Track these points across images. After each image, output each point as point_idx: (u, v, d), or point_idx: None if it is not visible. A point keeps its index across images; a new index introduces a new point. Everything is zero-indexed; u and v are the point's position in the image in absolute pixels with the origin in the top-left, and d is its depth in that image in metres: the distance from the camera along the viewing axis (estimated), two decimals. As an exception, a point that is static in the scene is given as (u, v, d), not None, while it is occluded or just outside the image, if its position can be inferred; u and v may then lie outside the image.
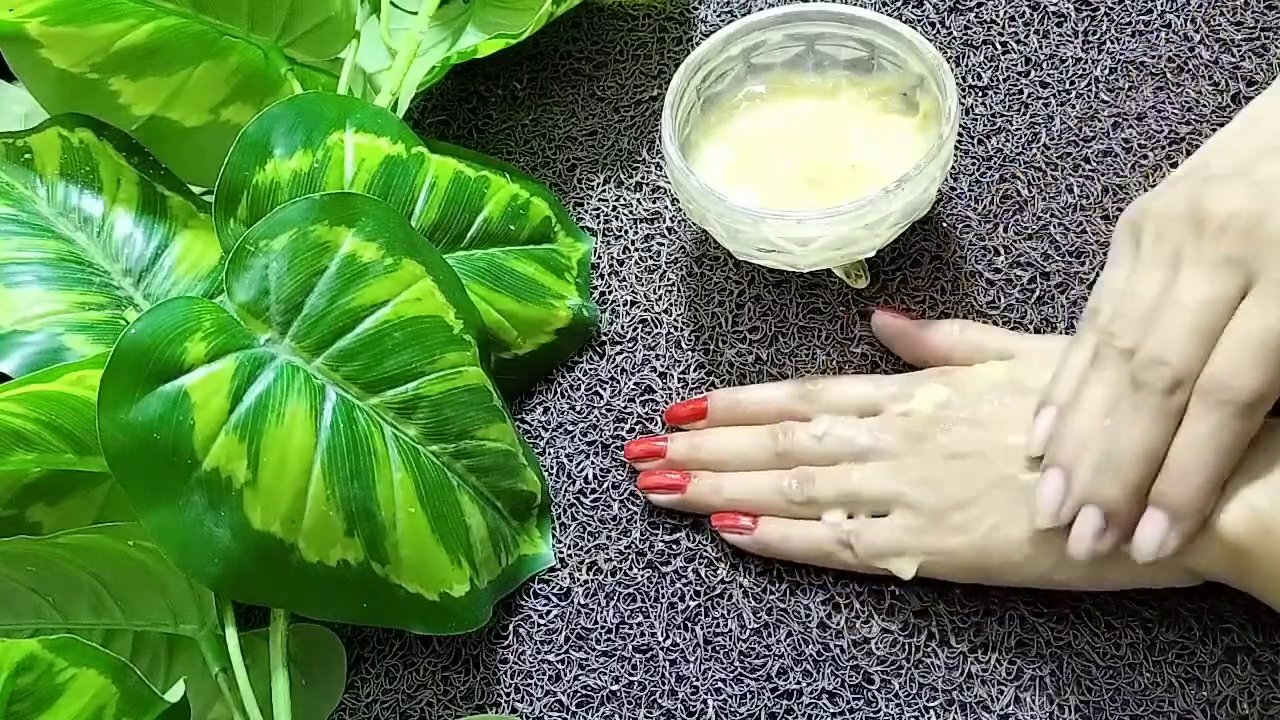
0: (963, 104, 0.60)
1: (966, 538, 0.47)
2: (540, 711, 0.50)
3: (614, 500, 0.54)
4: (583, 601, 0.52)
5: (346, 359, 0.48)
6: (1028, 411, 0.47)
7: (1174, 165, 0.56)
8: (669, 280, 0.59)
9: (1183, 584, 0.45)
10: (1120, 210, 0.55)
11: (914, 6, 0.63)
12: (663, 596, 0.52)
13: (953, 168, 0.58)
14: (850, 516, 0.49)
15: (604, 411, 0.56)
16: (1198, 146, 0.56)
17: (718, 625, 0.51)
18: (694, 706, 0.49)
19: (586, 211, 0.61)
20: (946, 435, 0.48)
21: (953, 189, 0.58)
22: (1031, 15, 0.62)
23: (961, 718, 0.47)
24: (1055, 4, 0.62)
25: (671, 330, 0.58)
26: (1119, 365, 0.43)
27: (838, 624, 0.50)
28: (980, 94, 0.60)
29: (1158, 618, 0.47)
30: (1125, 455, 0.42)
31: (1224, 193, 0.43)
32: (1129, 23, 0.61)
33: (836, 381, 0.52)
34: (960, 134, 0.59)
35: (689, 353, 0.57)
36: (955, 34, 0.62)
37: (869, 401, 0.51)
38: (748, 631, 0.50)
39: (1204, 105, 0.57)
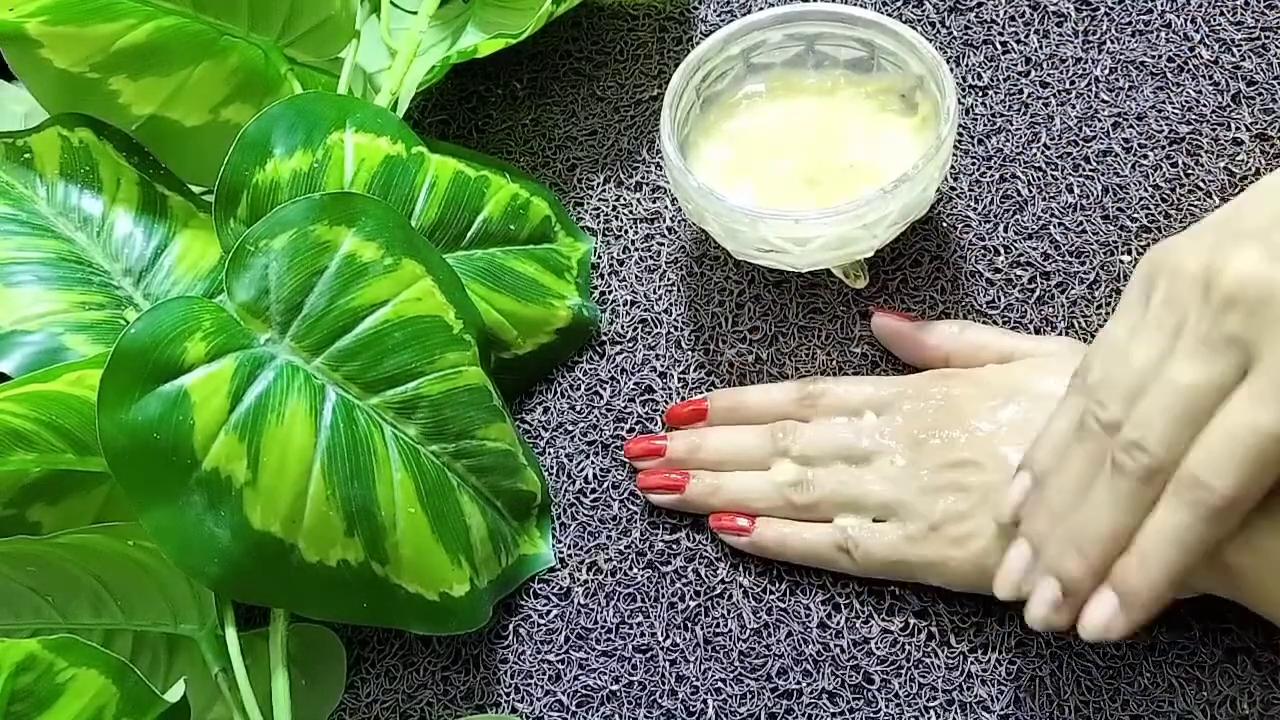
0: (962, 104, 0.60)
1: (965, 552, 0.47)
2: (540, 711, 0.50)
3: (614, 500, 0.54)
4: (583, 601, 0.52)
5: (346, 359, 0.48)
6: (1025, 420, 0.47)
7: (1174, 165, 0.56)
8: (669, 280, 0.59)
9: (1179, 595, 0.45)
10: (1120, 210, 0.56)
11: (914, 6, 0.63)
12: (663, 596, 0.52)
13: (953, 168, 0.58)
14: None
15: (604, 411, 0.56)
16: (1199, 146, 0.56)
17: (718, 625, 0.51)
18: (694, 706, 0.49)
19: (586, 211, 0.61)
20: (945, 443, 0.48)
21: (953, 189, 0.58)
22: (1031, 15, 0.62)
23: (961, 718, 0.47)
24: (1055, 4, 0.62)
25: (671, 330, 0.58)
26: (1101, 439, 0.41)
27: (838, 624, 0.50)
28: (980, 94, 0.60)
29: (1158, 618, 0.47)
30: (1091, 535, 0.41)
31: (1239, 257, 0.38)
32: (1129, 23, 0.61)
33: (837, 383, 0.52)
34: (960, 134, 0.59)
35: (689, 353, 0.57)
36: (955, 34, 0.62)
37: (869, 404, 0.51)
38: (748, 631, 0.50)
39: (1204, 105, 0.57)
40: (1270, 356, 0.37)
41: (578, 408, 0.57)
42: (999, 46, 0.61)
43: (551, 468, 0.55)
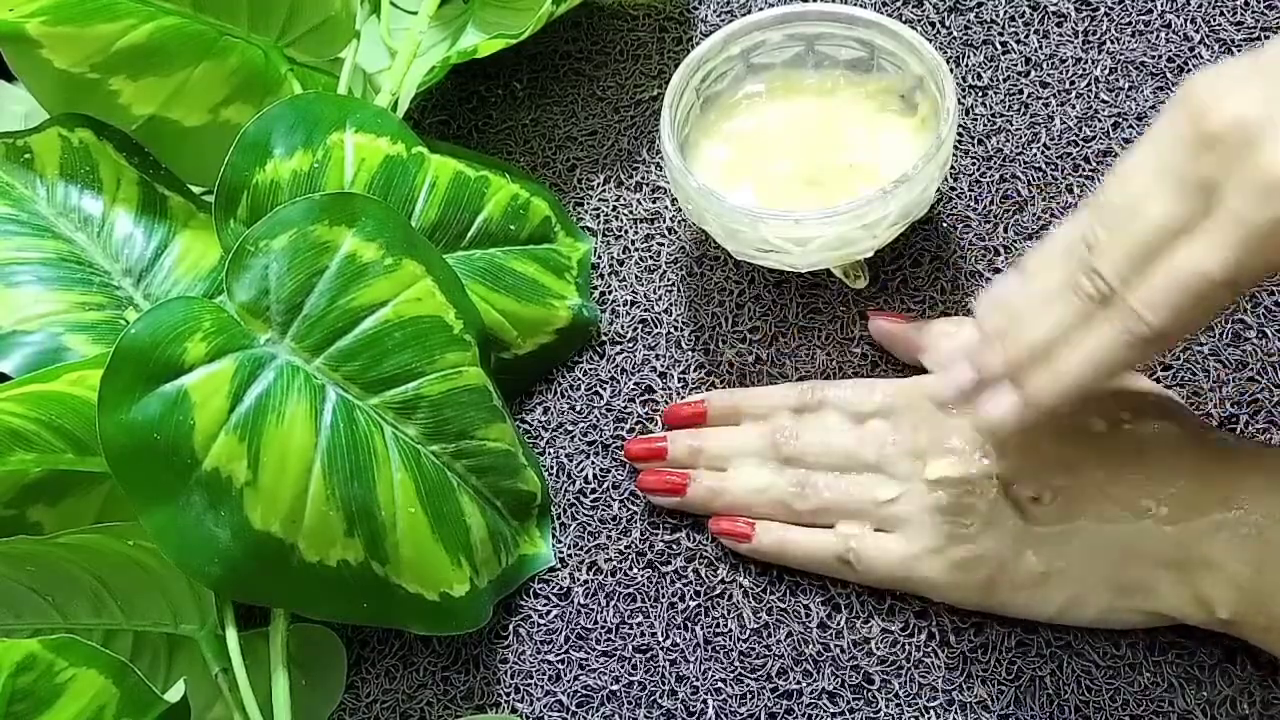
0: (962, 104, 0.60)
1: (970, 578, 0.47)
2: (540, 711, 0.50)
3: (614, 500, 0.54)
4: (583, 601, 0.52)
5: (346, 359, 0.48)
6: (1025, 439, 0.46)
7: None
8: (669, 280, 0.59)
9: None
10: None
11: (914, 6, 0.63)
12: (663, 596, 0.52)
13: (953, 168, 0.58)
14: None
15: (604, 411, 0.56)
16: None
17: (718, 625, 0.51)
18: (694, 706, 0.49)
19: (586, 211, 0.62)
20: (947, 461, 0.48)
21: (953, 189, 0.58)
22: (1031, 15, 0.62)
23: (961, 718, 0.47)
24: (1055, 4, 0.62)
25: (671, 330, 0.58)
26: (1078, 260, 0.41)
27: (838, 624, 0.50)
28: (980, 94, 0.60)
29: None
30: (1025, 338, 0.42)
31: (1233, 100, 0.37)
32: (1129, 23, 0.61)
33: (837, 392, 0.52)
34: (960, 134, 0.59)
35: (689, 353, 0.57)
36: (955, 34, 0.62)
37: (869, 414, 0.50)
38: (748, 631, 0.50)
39: (1204, 105, 0.57)
40: (1231, 202, 0.36)
41: (578, 408, 0.57)
42: (999, 46, 0.61)
43: (551, 468, 0.55)
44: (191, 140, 0.58)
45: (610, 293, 0.59)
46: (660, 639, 0.51)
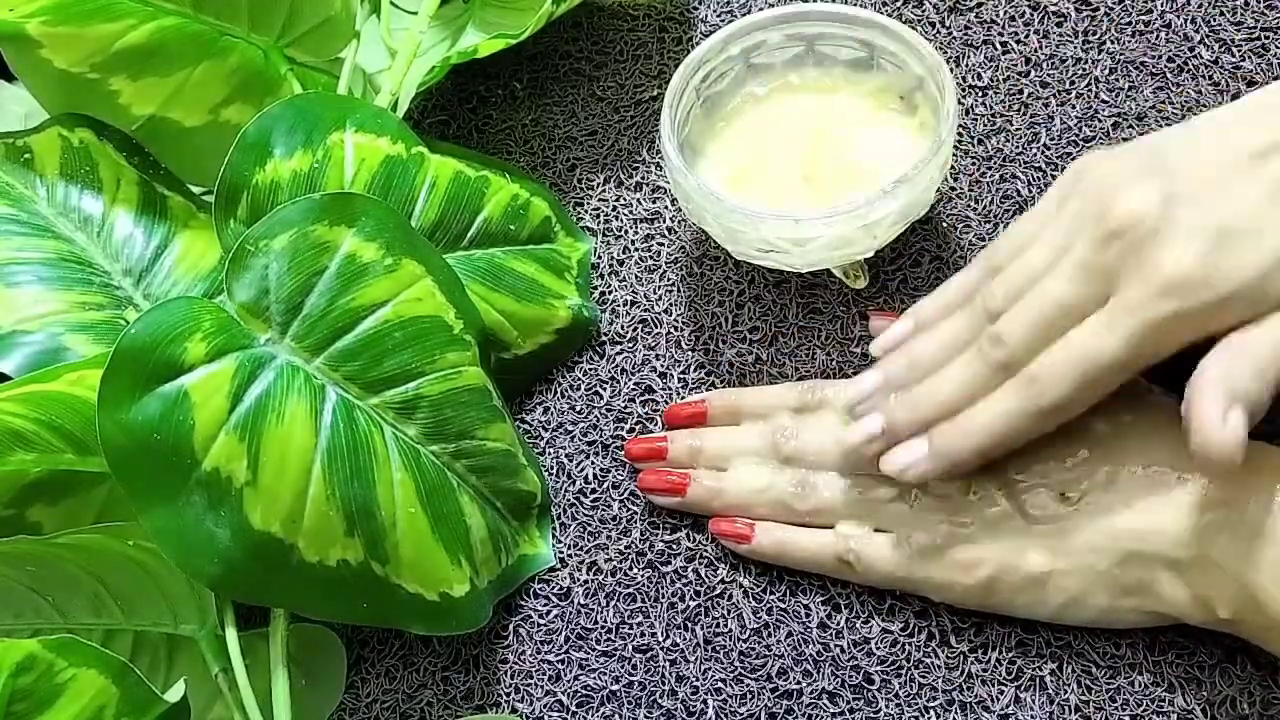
0: (962, 104, 0.60)
1: (970, 579, 0.47)
2: (540, 711, 0.50)
3: (614, 500, 0.54)
4: (583, 601, 0.52)
5: (346, 359, 0.48)
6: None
7: (1174, 165, 0.56)
8: (669, 280, 0.59)
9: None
10: (1120, 210, 0.56)
11: (914, 6, 0.63)
12: (663, 596, 0.52)
13: (953, 168, 0.58)
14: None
15: (604, 411, 0.56)
16: (1198, 146, 0.56)
17: (718, 625, 0.51)
18: (694, 706, 0.49)
19: (586, 211, 0.62)
20: None
21: (953, 189, 0.58)
22: (1031, 15, 0.62)
23: (961, 718, 0.47)
24: (1055, 4, 0.62)
25: (671, 330, 0.58)
26: (979, 319, 0.45)
27: (838, 624, 0.50)
28: (980, 94, 0.60)
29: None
30: (929, 398, 0.46)
31: (1135, 196, 0.41)
32: (1129, 23, 0.61)
33: (836, 386, 0.52)
34: (960, 134, 0.59)
35: (689, 353, 0.57)
36: (955, 34, 0.62)
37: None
38: (748, 631, 0.50)
39: (1204, 105, 0.57)
40: (1128, 293, 0.41)
41: (578, 408, 0.57)
42: (999, 46, 0.61)
43: (551, 468, 0.55)
44: (191, 140, 0.58)
45: (610, 293, 0.59)
46: (660, 639, 0.51)
